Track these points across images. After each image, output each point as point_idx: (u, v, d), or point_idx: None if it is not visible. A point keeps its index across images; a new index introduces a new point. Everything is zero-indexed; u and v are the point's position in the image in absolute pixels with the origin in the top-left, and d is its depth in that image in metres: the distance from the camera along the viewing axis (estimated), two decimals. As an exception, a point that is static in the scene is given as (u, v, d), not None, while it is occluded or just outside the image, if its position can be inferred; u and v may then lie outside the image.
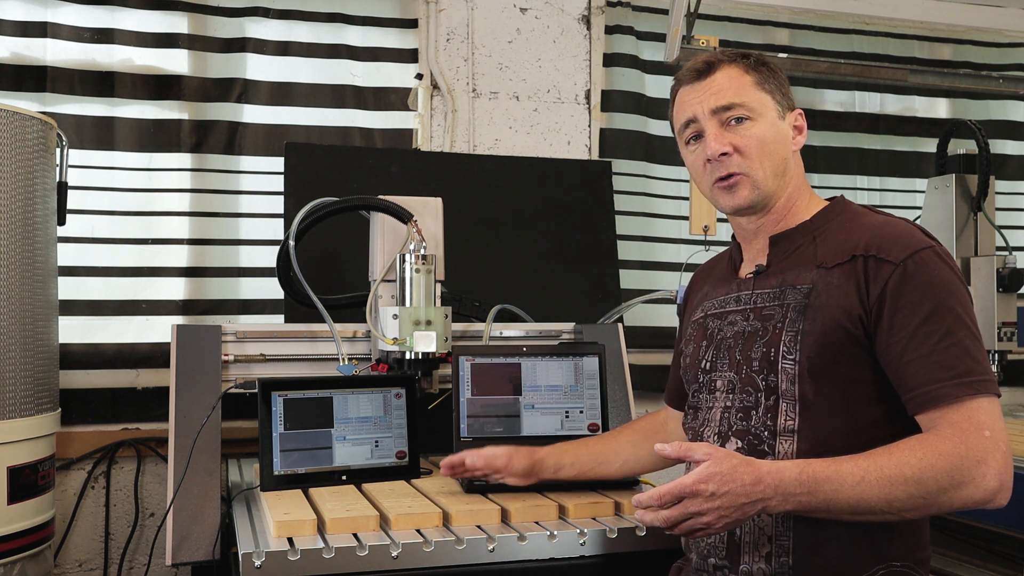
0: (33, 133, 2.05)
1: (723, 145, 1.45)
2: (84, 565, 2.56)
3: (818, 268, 1.41)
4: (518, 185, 2.77)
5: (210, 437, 1.79)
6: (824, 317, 1.36)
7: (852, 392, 1.36)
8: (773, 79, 1.50)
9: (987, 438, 1.24)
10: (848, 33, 3.38)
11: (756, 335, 1.44)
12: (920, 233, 1.39)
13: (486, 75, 2.98)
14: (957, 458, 1.23)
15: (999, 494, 1.25)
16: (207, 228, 2.72)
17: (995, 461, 1.24)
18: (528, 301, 2.42)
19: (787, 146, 1.49)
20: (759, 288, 1.49)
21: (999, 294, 2.63)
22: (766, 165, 1.46)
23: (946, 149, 2.85)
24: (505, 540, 1.54)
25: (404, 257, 1.95)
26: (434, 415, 2.09)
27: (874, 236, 1.38)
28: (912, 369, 1.30)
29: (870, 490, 1.23)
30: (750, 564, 1.38)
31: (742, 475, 1.23)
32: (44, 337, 2.10)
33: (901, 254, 1.34)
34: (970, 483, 1.23)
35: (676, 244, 3.16)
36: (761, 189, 1.47)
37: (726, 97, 1.46)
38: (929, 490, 1.23)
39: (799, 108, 1.54)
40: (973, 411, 1.26)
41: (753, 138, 1.45)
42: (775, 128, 1.47)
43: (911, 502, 1.24)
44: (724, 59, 1.50)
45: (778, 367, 1.39)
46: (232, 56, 2.74)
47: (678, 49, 2.73)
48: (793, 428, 1.37)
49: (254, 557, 1.42)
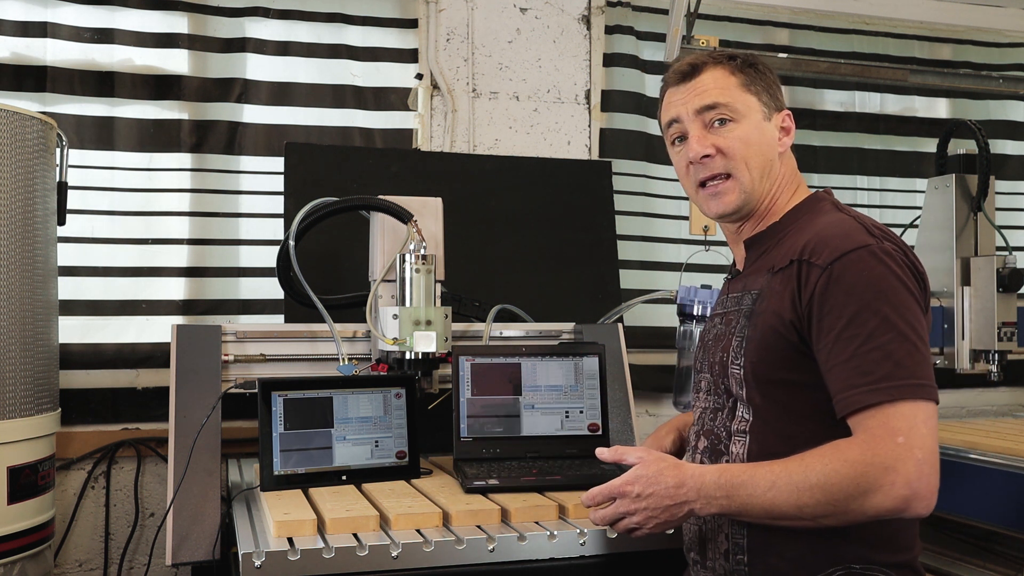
0: (33, 133, 2.05)
1: (705, 147, 1.45)
2: (84, 565, 2.56)
3: (767, 273, 1.42)
4: (518, 185, 2.77)
5: (210, 437, 1.79)
6: (763, 323, 1.37)
7: (796, 396, 1.36)
8: (761, 80, 1.48)
9: (899, 444, 1.20)
10: (848, 33, 3.38)
11: (719, 339, 1.47)
12: (860, 232, 1.34)
13: (486, 75, 2.98)
14: (863, 465, 1.21)
15: (912, 502, 1.21)
16: (207, 228, 2.71)
17: (904, 468, 1.20)
18: (528, 301, 2.42)
19: (772, 148, 1.48)
20: (731, 292, 1.52)
21: (999, 294, 2.62)
22: (752, 166, 1.45)
23: (946, 149, 2.85)
24: (505, 540, 1.54)
25: (404, 257, 1.95)
26: (434, 415, 2.09)
27: (812, 239, 1.36)
28: (834, 375, 1.29)
29: (780, 496, 1.25)
30: (714, 560, 1.42)
31: (666, 478, 1.30)
32: (44, 337, 2.10)
33: (829, 257, 1.31)
34: (878, 490, 1.20)
35: (676, 244, 3.16)
36: (748, 192, 1.46)
37: (710, 97, 1.45)
38: (836, 497, 1.22)
39: (787, 109, 1.52)
40: (888, 417, 1.22)
41: (736, 139, 1.44)
42: (759, 130, 1.46)
43: (820, 508, 1.23)
44: (710, 60, 1.49)
45: (728, 371, 1.42)
46: (232, 56, 2.74)
47: (678, 49, 2.73)
48: (745, 430, 1.39)
49: (254, 557, 1.42)
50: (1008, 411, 3.12)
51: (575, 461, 1.94)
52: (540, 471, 1.84)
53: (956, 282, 2.70)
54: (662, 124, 1.56)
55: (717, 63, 1.48)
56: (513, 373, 2.02)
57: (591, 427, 2.01)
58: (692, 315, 2.41)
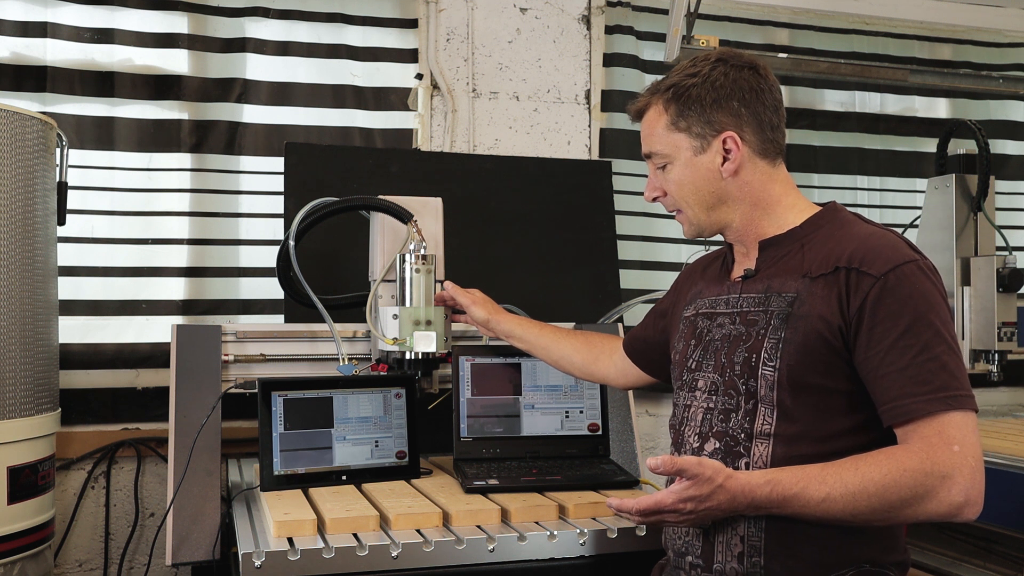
0: (33, 133, 2.05)
1: (652, 191, 1.57)
2: (84, 565, 2.56)
3: (803, 277, 1.42)
4: (518, 185, 2.77)
5: (210, 437, 1.79)
6: (806, 327, 1.38)
7: (827, 401, 1.38)
8: (690, 110, 1.47)
9: (955, 453, 1.26)
10: (848, 33, 3.38)
11: (740, 339, 1.46)
12: (905, 246, 1.40)
13: (486, 75, 2.98)
14: (922, 474, 1.26)
15: (965, 508, 1.27)
16: (207, 228, 2.71)
17: (961, 477, 1.25)
18: (528, 301, 2.42)
19: (710, 180, 1.50)
20: (746, 292, 1.50)
21: (999, 294, 2.62)
22: (690, 203, 1.53)
23: (946, 149, 2.85)
24: (505, 540, 1.54)
25: (404, 257, 1.95)
26: (434, 415, 2.09)
27: (858, 248, 1.39)
28: (887, 382, 1.32)
29: (835, 506, 1.28)
30: (723, 563, 1.40)
31: (717, 497, 1.31)
32: (44, 337, 2.10)
33: (883, 267, 1.35)
34: (934, 497, 1.26)
35: (676, 244, 3.16)
36: (696, 224, 1.55)
37: (646, 145, 1.56)
38: (892, 504, 1.27)
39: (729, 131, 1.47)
40: (944, 426, 1.28)
41: (671, 183, 1.53)
42: (691, 167, 1.50)
43: (875, 515, 1.28)
44: (651, 99, 1.54)
45: (758, 372, 1.41)
46: (232, 56, 2.74)
47: (678, 49, 2.73)
48: (769, 432, 1.39)
49: (254, 557, 1.42)
50: (1008, 411, 3.12)
51: (575, 461, 1.94)
52: (540, 471, 1.84)
53: (956, 282, 2.70)
54: None
55: (654, 102, 1.53)
56: (513, 373, 2.02)
57: (591, 427, 2.02)
58: (692, 315, 2.41)
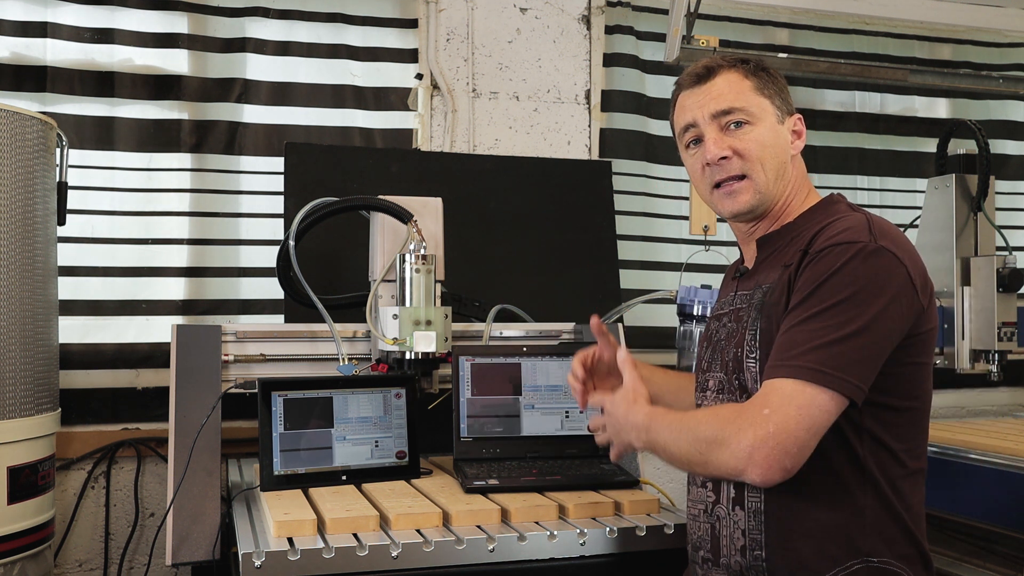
0: (33, 133, 2.05)
1: (722, 149, 1.47)
2: (84, 565, 2.56)
3: (784, 268, 1.43)
4: (518, 185, 2.77)
5: (210, 437, 1.79)
6: (774, 313, 1.39)
7: None
8: (772, 84, 1.51)
9: (762, 415, 1.26)
10: (848, 33, 3.38)
11: (732, 336, 1.47)
12: (863, 230, 1.35)
13: (486, 75, 2.98)
14: (725, 421, 1.29)
15: (749, 469, 1.26)
16: (207, 228, 2.71)
17: (754, 434, 1.25)
18: (528, 301, 2.43)
19: (786, 150, 1.50)
20: (742, 290, 1.52)
21: (999, 294, 2.62)
22: (767, 167, 1.47)
23: (946, 149, 2.85)
24: (505, 540, 1.54)
25: (404, 257, 1.95)
26: (434, 415, 2.09)
27: (820, 232, 1.40)
28: (775, 346, 1.34)
29: (671, 435, 1.36)
30: (728, 557, 1.42)
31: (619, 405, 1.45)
32: (44, 337, 2.10)
33: (822, 245, 1.35)
34: (725, 447, 1.27)
35: (676, 244, 3.16)
36: (763, 192, 1.48)
37: (726, 102, 1.47)
38: (700, 446, 1.31)
39: (798, 112, 1.55)
40: (772, 389, 1.28)
41: (753, 141, 1.47)
42: (774, 132, 1.49)
43: (692, 456, 1.32)
44: (724, 64, 1.51)
45: (743, 366, 1.42)
46: (232, 56, 2.74)
47: (678, 49, 2.73)
48: None
49: (254, 557, 1.42)
50: (1008, 411, 3.12)
51: (575, 461, 1.94)
52: (540, 471, 1.84)
53: (956, 282, 2.70)
54: (676, 127, 1.57)
55: (731, 67, 1.50)
56: (513, 373, 2.02)
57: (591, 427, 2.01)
58: (692, 315, 2.42)
